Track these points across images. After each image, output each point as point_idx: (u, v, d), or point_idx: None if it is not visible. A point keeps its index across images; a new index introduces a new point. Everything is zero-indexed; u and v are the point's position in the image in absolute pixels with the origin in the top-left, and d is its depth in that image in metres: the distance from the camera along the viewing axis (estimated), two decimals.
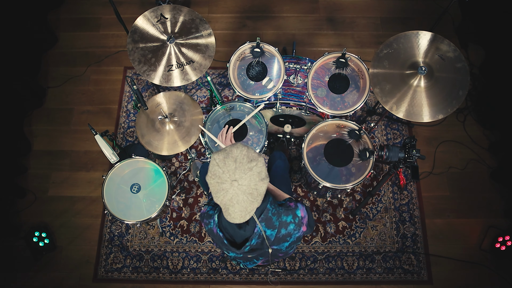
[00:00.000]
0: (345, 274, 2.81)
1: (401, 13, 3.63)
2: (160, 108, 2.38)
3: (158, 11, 2.30)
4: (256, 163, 1.30)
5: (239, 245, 1.52)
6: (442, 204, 2.99)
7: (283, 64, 2.44)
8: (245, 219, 1.35)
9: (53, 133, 3.25)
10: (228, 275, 2.82)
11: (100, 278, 2.83)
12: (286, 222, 1.49)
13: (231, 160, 1.30)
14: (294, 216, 1.51)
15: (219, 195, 1.31)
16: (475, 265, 2.82)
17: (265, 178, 1.33)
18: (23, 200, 3.04)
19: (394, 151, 2.10)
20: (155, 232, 2.94)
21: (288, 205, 1.54)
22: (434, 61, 2.19)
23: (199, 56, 2.27)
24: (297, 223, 1.51)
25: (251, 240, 1.47)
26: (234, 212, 1.32)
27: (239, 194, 1.29)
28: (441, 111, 2.14)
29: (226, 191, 1.29)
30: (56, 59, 3.51)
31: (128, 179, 2.47)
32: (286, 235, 1.51)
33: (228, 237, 1.53)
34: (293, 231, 1.52)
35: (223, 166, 1.30)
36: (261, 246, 1.50)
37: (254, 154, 1.33)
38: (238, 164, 1.29)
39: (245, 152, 1.32)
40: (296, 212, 1.52)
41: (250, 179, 1.29)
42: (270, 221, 1.46)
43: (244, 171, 1.28)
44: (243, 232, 1.47)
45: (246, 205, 1.31)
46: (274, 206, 1.48)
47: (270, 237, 1.48)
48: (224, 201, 1.31)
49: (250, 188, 1.29)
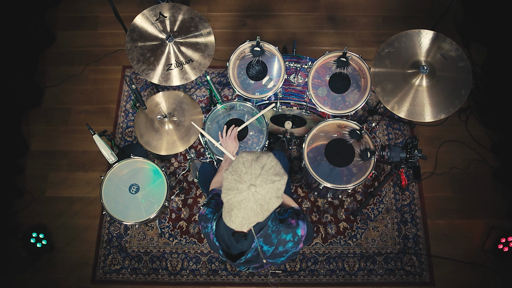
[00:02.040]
0: (346, 275, 2.80)
1: (403, 11, 3.62)
2: (159, 107, 2.37)
3: (157, 10, 2.29)
4: (280, 179, 1.28)
5: (234, 257, 1.49)
6: (444, 205, 2.97)
7: (284, 63, 2.44)
8: (243, 228, 1.31)
9: (51, 133, 3.24)
10: (227, 276, 2.80)
11: (98, 280, 2.81)
12: (285, 240, 1.46)
13: (259, 165, 1.28)
14: (294, 235, 1.48)
15: (230, 193, 1.27)
16: (477, 267, 2.80)
17: (281, 197, 1.30)
18: (20, 200, 3.02)
19: (395, 151, 2.09)
20: (154, 233, 2.92)
21: (290, 222, 1.49)
22: (436, 60, 2.18)
23: (199, 55, 2.25)
24: (295, 242, 1.49)
25: (246, 254, 1.44)
26: (236, 216, 1.28)
27: (251, 200, 1.26)
28: (443, 111, 2.12)
29: (240, 192, 1.26)
30: (54, 58, 3.49)
31: (126, 179, 2.47)
32: (283, 251, 1.48)
33: (224, 247, 1.50)
34: (290, 248, 1.49)
35: (249, 167, 1.27)
36: (256, 259, 1.48)
37: (281, 170, 1.31)
38: (264, 172, 1.27)
39: (274, 163, 1.30)
40: (296, 231, 1.49)
41: (268, 190, 1.26)
42: (269, 238, 1.43)
43: (266, 181, 1.26)
44: (240, 246, 1.44)
45: (251, 214, 1.28)
46: (275, 223, 1.44)
47: (266, 252, 1.46)
48: (232, 201, 1.27)
49: (264, 199, 1.27)
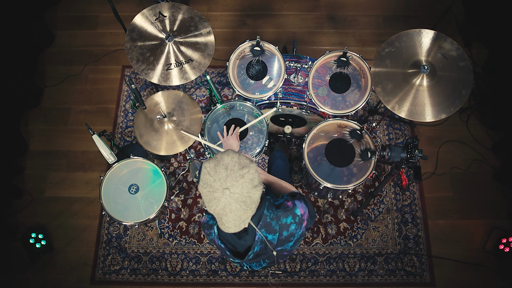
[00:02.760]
0: (346, 276, 2.79)
1: (403, 11, 3.60)
2: (158, 107, 2.37)
3: (157, 9, 2.28)
4: (248, 169, 1.27)
5: (242, 254, 1.49)
6: (444, 205, 2.96)
7: (284, 63, 2.43)
8: (240, 228, 1.31)
9: (50, 133, 3.23)
10: (227, 277, 2.79)
11: (97, 280, 2.81)
12: (287, 223, 1.45)
13: (222, 168, 1.27)
14: (294, 216, 1.47)
15: (211, 204, 1.28)
16: (478, 267, 2.79)
17: (258, 185, 1.29)
18: (19, 201, 3.01)
19: (396, 151, 2.08)
20: (153, 233, 2.91)
21: (286, 205, 1.48)
22: (437, 60, 2.17)
23: (198, 55, 2.25)
24: (298, 222, 1.47)
25: (253, 248, 1.43)
26: (228, 221, 1.29)
27: (232, 202, 1.25)
28: (444, 111, 2.12)
29: (218, 200, 1.26)
30: (53, 58, 3.48)
31: (126, 179, 2.46)
32: (289, 236, 1.48)
33: (231, 247, 1.50)
34: (295, 230, 1.48)
35: (214, 174, 1.27)
36: (265, 251, 1.47)
37: (245, 161, 1.29)
38: (229, 171, 1.26)
39: (236, 159, 1.29)
40: (295, 211, 1.47)
41: (242, 186, 1.26)
42: (270, 226, 1.42)
43: (236, 179, 1.25)
44: (244, 242, 1.43)
45: (240, 213, 1.27)
46: (272, 210, 1.44)
47: (272, 241, 1.45)
48: (217, 210, 1.28)
49: (242, 196, 1.26)
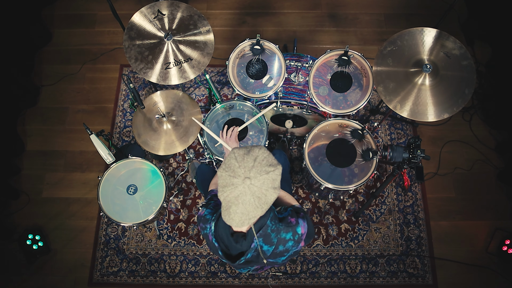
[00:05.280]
0: (347, 278, 2.76)
1: (405, 9, 3.59)
2: (157, 107, 2.36)
3: (155, 7, 2.27)
4: (274, 169, 1.27)
5: (233, 258, 1.46)
6: (447, 206, 2.94)
7: (284, 62, 2.42)
8: (243, 225, 1.29)
9: (47, 132, 3.20)
10: (227, 279, 2.76)
11: (95, 282, 2.78)
12: (285, 239, 1.44)
13: (251, 158, 1.27)
14: (294, 234, 1.45)
15: (226, 189, 1.26)
16: (481, 269, 2.77)
17: (277, 188, 1.29)
18: (16, 201, 3.00)
19: (398, 151, 2.07)
20: (152, 234, 2.88)
21: (289, 221, 1.47)
22: (439, 59, 2.15)
23: (198, 54, 2.23)
24: (296, 240, 1.46)
25: (246, 255, 1.42)
26: (235, 212, 1.26)
27: (247, 193, 1.24)
28: (446, 110, 2.10)
29: (235, 187, 1.24)
30: (51, 57, 3.46)
31: (124, 180, 2.46)
32: (284, 251, 1.46)
33: (223, 248, 1.47)
34: (291, 247, 1.46)
35: (241, 161, 1.26)
36: (256, 259, 1.45)
37: (274, 161, 1.30)
38: (257, 163, 1.26)
39: (266, 155, 1.30)
40: (296, 229, 1.46)
41: (263, 182, 1.25)
42: (269, 237, 1.40)
43: (260, 172, 1.25)
44: (239, 246, 1.42)
45: (250, 208, 1.26)
46: (274, 222, 1.42)
47: (266, 252, 1.43)
48: (229, 197, 1.26)
49: (260, 191, 1.25)
